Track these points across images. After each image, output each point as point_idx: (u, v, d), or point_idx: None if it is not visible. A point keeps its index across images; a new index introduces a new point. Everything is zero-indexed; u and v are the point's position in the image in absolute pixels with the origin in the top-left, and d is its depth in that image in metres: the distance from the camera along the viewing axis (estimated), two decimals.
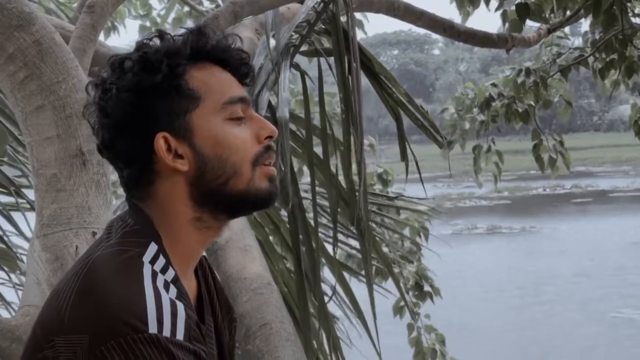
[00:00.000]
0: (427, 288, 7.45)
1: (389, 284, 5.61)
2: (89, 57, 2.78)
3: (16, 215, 3.92)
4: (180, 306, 1.40)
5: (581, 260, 21.09)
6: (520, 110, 8.15)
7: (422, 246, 7.24)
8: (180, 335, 1.38)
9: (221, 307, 1.71)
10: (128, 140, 1.51)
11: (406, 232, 7.10)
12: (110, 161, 1.57)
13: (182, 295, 1.45)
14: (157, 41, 1.54)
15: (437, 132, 3.71)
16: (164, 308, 1.38)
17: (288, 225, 3.41)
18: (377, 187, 7.64)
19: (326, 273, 4.48)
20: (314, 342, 3.69)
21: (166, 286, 1.43)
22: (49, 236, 2.38)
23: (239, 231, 2.94)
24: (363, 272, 3.96)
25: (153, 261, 1.45)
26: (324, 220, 4.73)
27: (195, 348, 1.40)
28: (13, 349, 2.18)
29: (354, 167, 3.38)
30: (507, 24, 6.54)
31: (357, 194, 3.33)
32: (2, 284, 3.96)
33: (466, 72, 78.33)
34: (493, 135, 8.76)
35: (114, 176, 1.70)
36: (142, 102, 1.50)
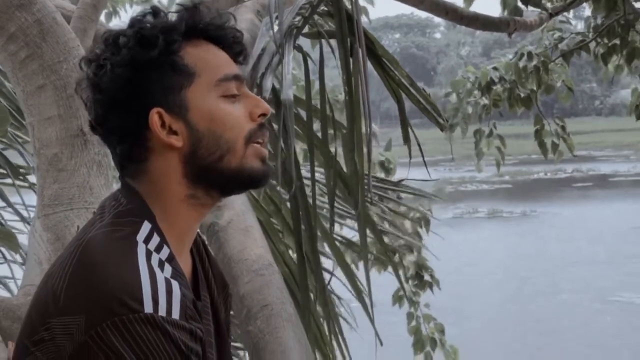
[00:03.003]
0: (427, 278, 7.46)
1: (388, 275, 5.63)
2: (90, 37, 2.78)
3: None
4: (175, 285, 1.41)
5: (582, 244, 21.09)
6: (522, 95, 8.14)
7: (423, 230, 7.23)
8: (175, 314, 1.38)
9: (217, 283, 1.72)
10: (122, 116, 1.51)
11: (407, 227, 7.09)
12: (102, 138, 1.57)
13: (177, 273, 1.45)
14: (151, 18, 1.54)
15: (439, 115, 3.70)
16: (159, 287, 1.38)
17: (289, 207, 3.41)
18: (379, 175, 7.61)
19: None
20: (315, 325, 3.69)
21: (161, 265, 1.43)
22: (50, 216, 2.38)
23: (240, 212, 2.94)
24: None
25: (147, 240, 1.46)
26: (326, 204, 4.73)
27: (192, 326, 1.41)
28: (15, 328, 2.18)
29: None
30: (505, 10, 6.53)
31: (362, 177, 3.33)
32: (2, 264, 3.97)
33: (468, 56, 78.21)
34: (495, 120, 8.75)
35: None
36: (136, 78, 1.50)
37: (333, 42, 3.52)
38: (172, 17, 1.55)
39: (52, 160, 2.41)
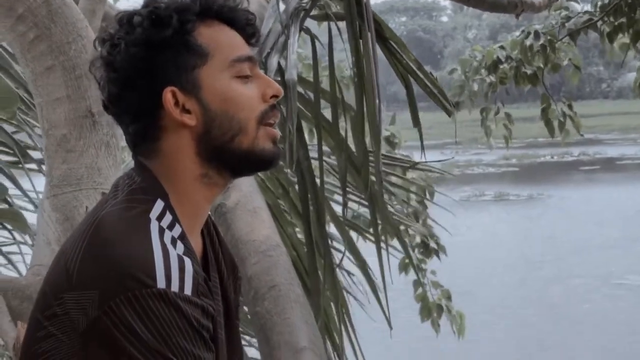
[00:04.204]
0: (433, 245, 7.45)
1: (395, 243, 5.62)
2: (99, 18, 2.78)
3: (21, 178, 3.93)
4: (187, 261, 1.42)
5: (589, 227, 21.08)
6: (528, 72, 8.12)
7: (428, 211, 7.22)
8: (188, 290, 1.40)
9: (226, 265, 1.73)
10: (136, 94, 1.52)
11: (412, 196, 7.07)
12: (115, 117, 1.58)
13: (189, 251, 1.47)
14: None
15: (446, 99, 3.69)
16: (172, 263, 1.40)
17: (297, 189, 3.41)
18: (385, 149, 7.59)
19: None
20: (323, 305, 3.70)
21: (173, 242, 1.44)
22: (59, 197, 2.40)
23: (248, 194, 2.95)
24: (371, 230, 3.95)
25: (160, 218, 1.47)
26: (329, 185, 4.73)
27: (203, 303, 1.43)
28: (24, 307, 2.20)
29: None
30: None
31: (370, 157, 3.33)
32: (11, 244, 3.98)
33: (474, 39, 77.88)
34: (501, 100, 8.74)
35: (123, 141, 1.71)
36: (151, 57, 1.51)
37: (340, 24, 3.52)
38: None
39: (60, 141, 2.42)
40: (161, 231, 1.44)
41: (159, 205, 1.49)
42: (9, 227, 3.65)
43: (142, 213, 1.46)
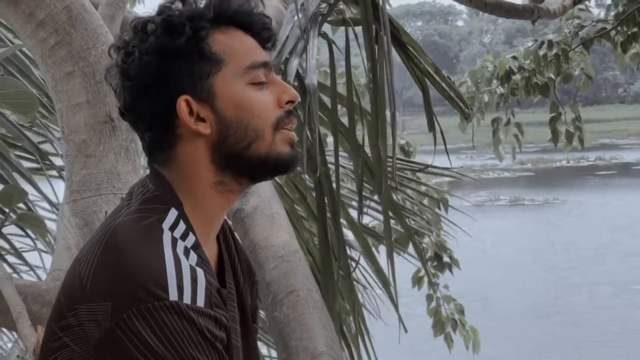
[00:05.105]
0: (446, 259, 7.45)
1: (407, 256, 5.62)
2: (118, 24, 2.79)
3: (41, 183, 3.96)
4: (200, 272, 1.42)
5: (604, 232, 20.99)
6: (539, 83, 8.11)
7: (443, 217, 7.22)
8: (200, 302, 1.39)
9: (242, 270, 1.72)
10: (150, 103, 1.51)
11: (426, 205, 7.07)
12: (131, 125, 1.57)
13: (202, 261, 1.46)
14: (179, 5, 1.54)
15: (464, 102, 3.69)
16: (184, 274, 1.39)
17: (314, 194, 3.41)
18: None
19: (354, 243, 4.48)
20: (339, 311, 3.70)
21: (186, 252, 1.44)
22: (79, 202, 2.40)
23: (266, 199, 2.95)
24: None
25: (173, 227, 1.46)
26: (346, 190, 4.74)
27: (216, 314, 1.42)
28: (44, 312, 2.21)
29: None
30: None
31: (386, 161, 3.33)
32: (30, 251, 4.00)
33: (490, 43, 77.82)
34: (514, 108, 8.73)
35: None
36: (164, 65, 1.50)
37: (356, 29, 3.52)
38: (201, 3, 1.55)
39: (80, 146, 2.42)
40: (174, 241, 1.44)
41: (173, 214, 1.48)
42: (30, 232, 3.67)
43: (155, 223, 1.46)
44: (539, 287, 16.41)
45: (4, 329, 4.04)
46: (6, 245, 3.85)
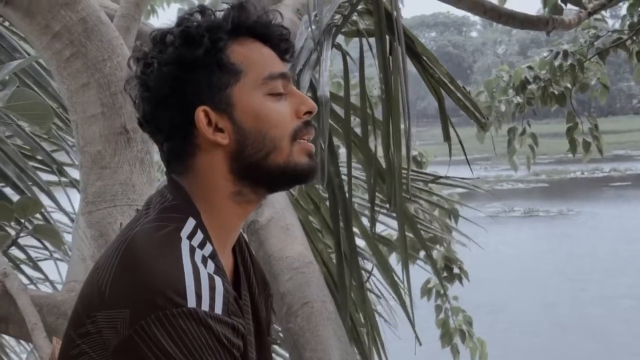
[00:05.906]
0: (456, 270, 7.43)
1: (416, 267, 5.62)
2: (133, 36, 2.80)
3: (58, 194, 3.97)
4: (218, 280, 1.42)
5: (619, 244, 20.91)
6: (556, 92, 8.10)
7: (455, 229, 7.21)
8: (218, 310, 1.40)
9: (257, 282, 1.73)
10: (169, 113, 1.52)
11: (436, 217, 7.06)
12: (150, 135, 1.58)
13: (219, 270, 1.47)
14: (198, 16, 1.55)
15: (479, 112, 3.69)
16: (203, 282, 1.40)
17: (328, 205, 3.41)
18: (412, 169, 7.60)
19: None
20: (352, 322, 3.70)
21: (204, 261, 1.44)
22: (94, 213, 2.41)
23: (280, 210, 2.95)
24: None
25: (191, 236, 1.47)
26: (360, 199, 4.73)
27: (234, 322, 1.42)
28: (59, 323, 2.21)
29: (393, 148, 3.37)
30: (546, 8, 6.50)
31: (401, 172, 3.32)
32: (45, 260, 4.01)
33: (504, 54, 77.79)
34: (529, 118, 8.72)
35: (157, 155, 1.72)
36: (183, 76, 1.51)
37: (370, 40, 3.52)
38: (220, 15, 1.56)
39: (95, 157, 2.43)
40: (192, 250, 1.44)
41: (190, 223, 1.49)
42: (46, 243, 3.69)
43: (174, 232, 1.46)
44: (553, 298, 16.35)
45: (20, 340, 4.05)
46: (22, 256, 3.87)
